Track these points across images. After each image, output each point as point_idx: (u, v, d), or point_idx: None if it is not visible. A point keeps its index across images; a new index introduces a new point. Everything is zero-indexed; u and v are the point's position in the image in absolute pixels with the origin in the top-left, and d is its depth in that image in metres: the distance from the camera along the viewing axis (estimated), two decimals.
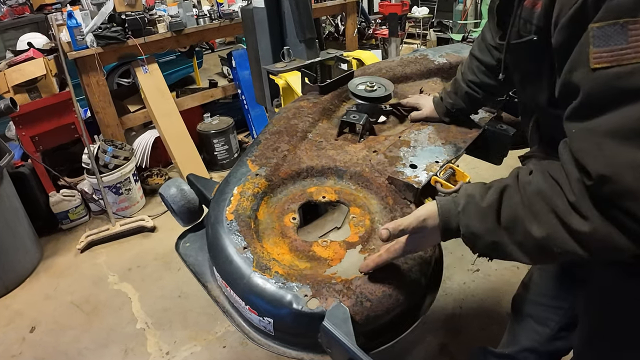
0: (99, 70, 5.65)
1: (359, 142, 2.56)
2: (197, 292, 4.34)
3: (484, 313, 4.00)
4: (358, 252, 1.99)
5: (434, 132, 2.57)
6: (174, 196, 2.31)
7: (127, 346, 3.99)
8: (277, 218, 2.16)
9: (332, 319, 1.65)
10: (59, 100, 5.34)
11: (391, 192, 2.21)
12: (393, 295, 1.78)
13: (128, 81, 8.39)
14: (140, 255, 5.14)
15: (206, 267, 2.20)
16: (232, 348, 3.87)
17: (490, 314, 3.97)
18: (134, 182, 5.79)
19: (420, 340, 3.79)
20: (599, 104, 1.23)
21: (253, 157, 2.41)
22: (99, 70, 5.66)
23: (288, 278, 1.80)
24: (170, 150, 6.08)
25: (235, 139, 6.77)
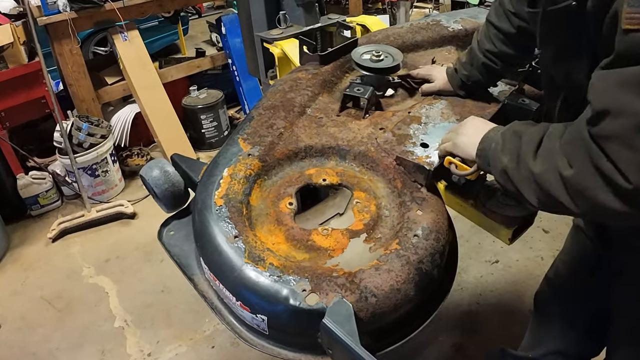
0: (72, 37, 5.61)
1: (363, 118, 2.55)
2: (182, 286, 4.29)
3: (503, 310, 4.00)
4: (362, 242, 1.99)
5: (447, 107, 2.56)
6: (157, 179, 2.31)
7: (104, 347, 4.00)
8: (272, 203, 2.16)
9: (334, 316, 1.65)
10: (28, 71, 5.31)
11: (400, 174, 2.21)
12: (402, 290, 1.78)
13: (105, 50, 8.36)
14: (118, 244, 5.14)
15: (192, 259, 2.20)
16: (221, 349, 3.88)
17: (511, 310, 3.98)
18: (112, 163, 5.77)
19: (433, 340, 3.79)
20: (625, 61, 1.30)
21: (245, 135, 2.40)
22: (73, 38, 5.62)
23: (284, 270, 1.80)
24: (153, 128, 6.05)
25: (225, 115, 6.75)
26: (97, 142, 5.53)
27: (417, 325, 1.91)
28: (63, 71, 5.75)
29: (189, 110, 6.49)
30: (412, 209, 2.06)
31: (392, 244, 1.91)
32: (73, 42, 5.64)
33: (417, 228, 1.95)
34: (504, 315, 3.94)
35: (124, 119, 6.16)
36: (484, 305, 4.06)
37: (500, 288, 4.19)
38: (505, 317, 3.92)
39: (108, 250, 5.06)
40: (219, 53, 7.24)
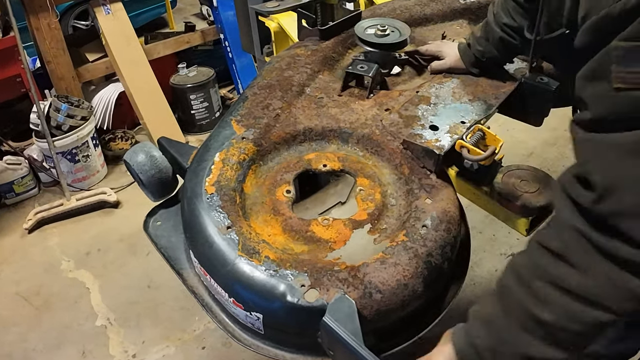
0: (50, 10, 5.59)
1: (367, 98, 2.55)
2: (170, 281, 4.27)
3: None
4: (366, 233, 2.00)
5: (459, 86, 2.56)
6: (142, 164, 2.31)
7: (84, 347, 3.99)
8: (267, 191, 2.16)
9: (335, 314, 1.65)
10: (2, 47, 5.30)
11: (407, 160, 2.21)
12: (409, 286, 1.78)
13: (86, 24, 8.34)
14: (101, 236, 5.12)
15: (181, 251, 2.20)
16: (212, 349, 3.88)
17: None
18: (94, 148, 5.75)
19: None
20: (613, 123, 1.32)
21: (239, 116, 2.40)
22: (51, 11, 5.60)
23: (281, 264, 1.80)
24: (138, 109, 6.03)
25: (217, 95, 6.72)
26: (77, 125, 5.51)
27: (426, 324, 1.92)
28: (40, 47, 5.73)
29: (177, 89, 6.45)
30: (421, 197, 2.06)
31: (398, 236, 1.91)
32: (51, 16, 5.63)
33: (426, 218, 1.96)
34: None
35: (106, 99, 6.13)
36: None
37: None
38: None
39: (89, 242, 5.04)
40: (210, 27, 7.21)
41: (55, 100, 5.46)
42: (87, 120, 5.57)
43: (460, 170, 2.61)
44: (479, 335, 1.64)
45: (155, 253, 2.33)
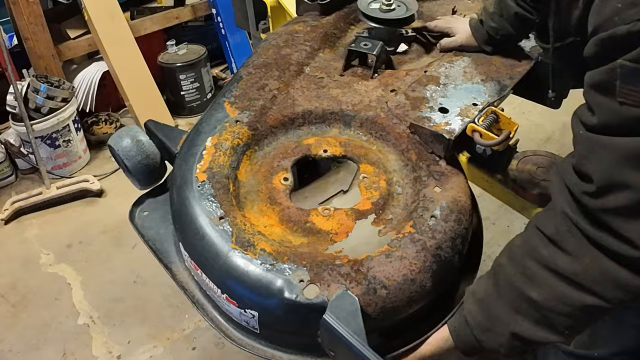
0: None
1: (371, 78, 2.55)
2: (158, 276, 4.30)
3: None
4: (370, 224, 2.00)
5: (470, 66, 2.56)
6: (128, 150, 2.31)
7: (65, 347, 3.99)
8: (263, 179, 2.16)
9: (337, 311, 1.65)
10: None
11: (414, 145, 2.20)
12: (417, 281, 1.79)
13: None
14: (83, 227, 5.11)
15: (170, 244, 2.20)
16: (203, 350, 3.88)
17: None
18: (75, 132, 5.74)
19: None
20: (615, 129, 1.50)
21: (232, 98, 2.40)
22: None
23: (278, 258, 1.80)
24: (123, 90, 6.01)
25: (209, 75, 6.71)
26: (57, 107, 5.50)
27: (435, 323, 1.91)
28: (17, 22, 5.72)
29: (166, 69, 6.44)
30: (429, 185, 2.06)
31: (405, 227, 1.91)
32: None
33: (435, 208, 1.96)
34: None
35: (89, 79, 6.12)
36: None
37: None
38: None
39: (70, 234, 5.03)
40: (202, 1, 7.19)
41: (34, 80, 5.45)
42: (68, 102, 5.55)
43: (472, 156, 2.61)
44: (472, 313, 1.81)
45: (141, 246, 2.33)
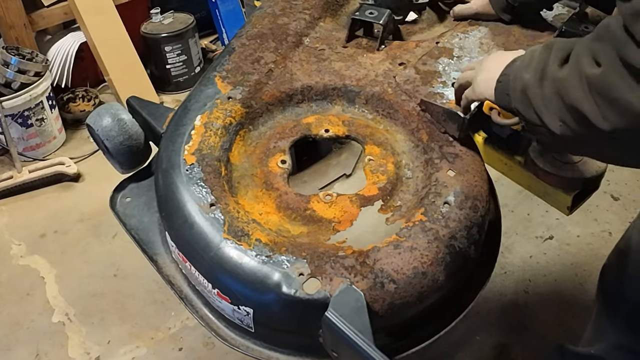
0: None
1: (378, 50, 2.55)
2: (141, 269, 4.31)
3: (561, 300, 4.00)
4: (377, 211, 2.00)
5: (487, 36, 2.55)
6: (109, 129, 2.31)
7: (38, 348, 3.98)
8: (259, 161, 2.16)
9: (340, 308, 1.65)
10: None
11: (425, 124, 2.21)
12: (429, 274, 1.79)
13: None
14: (58, 215, 5.10)
15: (155, 233, 2.21)
16: (191, 351, 3.88)
17: (569, 300, 3.98)
18: (50, 109, 5.72)
19: (468, 340, 3.80)
20: None
21: (224, 72, 2.40)
22: None
23: (275, 249, 1.80)
24: (103, 63, 6.00)
25: (198, 46, 6.68)
26: (29, 82, 5.48)
27: (449, 321, 1.92)
28: None
29: (149, 39, 6.41)
30: (442, 168, 2.06)
31: (415, 214, 1.91)
32: None
33: (449, 193, 1.96)
34: (560, 306, 3.95)
35: (65, 51, 6.11)
36: (535, 294, 4.07)
37: (555, 272, 4.20)
38: (562, 309, 3.92)
39: (44, 222, 5.02)
40: None
41: (4, 52, 5.44)
42: (41, 77, 5.54)
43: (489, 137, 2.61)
44: None
45: (123, 235, 2.34)
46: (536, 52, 1.74)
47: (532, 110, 1.69)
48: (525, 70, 1.74)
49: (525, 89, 1.70)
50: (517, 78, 1.76)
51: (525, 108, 1.73)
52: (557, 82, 1.59)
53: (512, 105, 1.79)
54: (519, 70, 1.78)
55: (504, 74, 1.84)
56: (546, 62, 1.66)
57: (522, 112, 1.75)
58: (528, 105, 1.70)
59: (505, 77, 1.83)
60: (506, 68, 1.84)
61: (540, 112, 1.66)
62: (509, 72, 1.82)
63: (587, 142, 1.63)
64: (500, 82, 1.84)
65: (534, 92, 1.68)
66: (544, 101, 1.65)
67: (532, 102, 1.68)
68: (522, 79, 1.73)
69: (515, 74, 1.78)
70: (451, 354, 3.69)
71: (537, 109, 1.67)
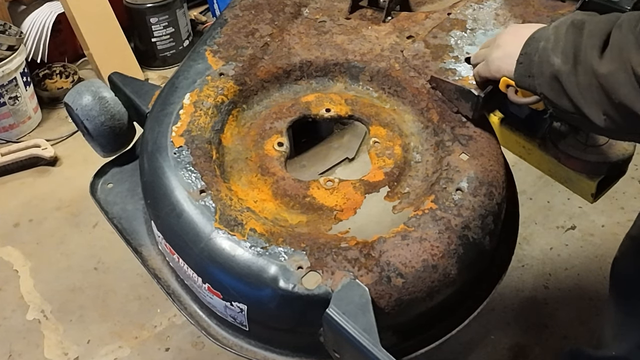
0: None
1: (383, 22, 2.55)
2: (124, 261, 4.32)
3: (584, 296, 4.01)
4: (383, 199, 2.00)
5: (504, 6, 2.55)
6: (89, 108, 2.31)
7: (11, 348, 3.99)
8: (253, 144, 2.16)
9: (343, 305, 1.65)
10: None
11: (436, 103, 2.20)
12: (440, 268, 1.79)
13: None
14: (33, 203, 5.10)
15: (140, 223, 2.21)
16: (179, 351, 3.89)
17: (594, 296, 3.98)
18: (24, 86, 5.72)
19: (483, 339, 3.81)
20: None
21: (215, 46, 2.40)
22: None
23: (271, 239, 1.81)
24: (82, 36, 5.99)
25: (186, 17, 6.67)
26: (2, 56, 5.49)
27: (461, 319, 1.92)
28: None
29: (133, 10, 6.39)
30: (454, 151, 2.06)
31: (425, 202, 1.91)
32: None
33: (461, 179, 1.96)
34: (583, 303, 3.95)
35: (41, 23, 6.11)
36: (555, 289, 4.07)
37: (578, 265, 4.20)
38: (585, 307, 3.93)
39: (18, 210, 5.03)
40: None
41: None
42: (15, 51, 5.55)
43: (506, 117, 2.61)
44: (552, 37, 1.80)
45: (104, 225, 2.34)
46: (561, 30, 1.75)
47: (567, 98, 1.70)
48: (553, 52, 1.73)
49: (558, 75, 1.70)
50: (544, 61, 1.75)
51: (556, 95, 1.73)
52: (600, 76, 1.59)
53: (538, 90, 1.79)
54: (544, 51, 1.76)
55: (525, 53, 1.83)
56: (578, 46, 1.66)
57: (553, 98, 1.75)
58: (561, 93, 1.71)
59: (526, 57, 1.83)
60: (526, 46, 1.84)
61: (577, 101, 1.67)
62: (530, 51, 1.81)
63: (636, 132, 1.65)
64: (520, 62, 1.84)
65: (568, 80, 1.68)
66: (580, 90, 1.65)
67: (567, 90, 1.69)
68: (551, 62, 1.72)
69: (541, 55, 1.77)
70: (463, 355, 3.69)
71: (574, 98, 1.68)
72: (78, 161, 5.36)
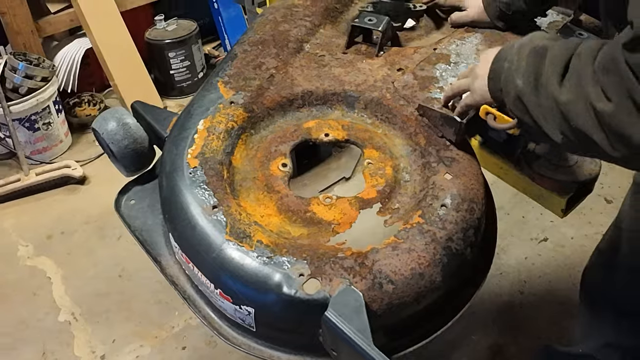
0: None
1: (376, 56, 2.55)
2: (145, 270, 4.29)
3: (555, 300, 4.01)
4: (375, 214, 2.00)
5: (483, 42, 2.55)
6: (114, 133, 2.31)
7: (45, 347, 3.98)
8: (260, 165, 2.16)
9: (339, 308, 1.65)
10: None
11: (423, 128, 2.20)
12: (426, 275, 1.79)
13: None
14: (64, 217, 5.09)
15: (159, 235, 2.21)
16: (194, 350, 3.88)
17: (564, 301, 3.98)
18: (56, 114, 5.72)
19: (464, 340, 3.80)
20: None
21: (226, 77, 2.40)
22: None
23: (276, 250, 1.80)
24: (108, 68, 5.98)
25: (201, 52, 6.69)
26: (37, 87, 5.48)
27: (445, 321, 1.92)
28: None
29: (154, 45, 6.41)
30: (439, 171, 2.06)
31: (413, 217, 1.91)
32: None
33: (445, 196, 1.96)
34: (554, 307, 3.95)
35: (71, 57, 6.10)
36: (530, 294, 4.07)
37: (550, 273, 4.20)
38: (557, 310, 3.92)
39: (51, 224, 5.01)
40: None
41: (12, 58, 5.43)
42: (48, 82, 5.53)
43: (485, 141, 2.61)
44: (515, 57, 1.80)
45: (127, 237, 2.33)
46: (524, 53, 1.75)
47: (529, 116, 1.70)
48: (516, 74, 1.74)
49: (520, 96, 1.71)
50: (509, 82, 1.76)
51: (521, 113, 1.73)
52: (560, 103, 1.59)
53: (507, 105, 1.80)
54: (509, 72, 1.77)
55: (494, 69, 1.84)
56: (539, 71, 1.66)
57: (519, 116, 1.76)
58: (524, 111, 1.71)
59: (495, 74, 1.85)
60: (494, 63, 1.85)
61: (538, 120, 1.67)
62: (497, 69, 1.83)
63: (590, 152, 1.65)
64: (491, 78, 1.85)
65: (530, 100, 1.68)
66: (542, 111, 1.66)
67: (529, 110, 1.69)
68: (515, 83, 1.73)
69: (506, 75, 1.78)
70: (447, 353, 3.69)
71: (535, 117, 1.68)
72: (104, 180, 5.35)
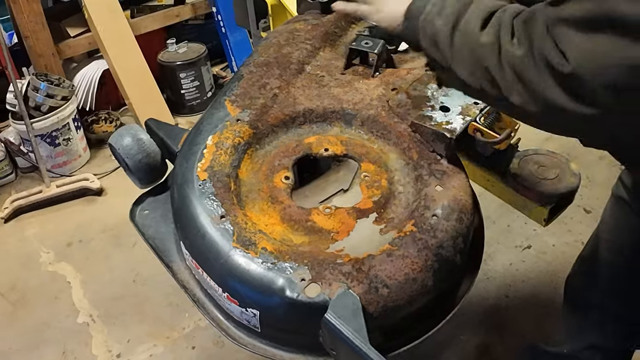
0: None
1: (372, 76, 2.55)
2: (158, 275, 4.28)
3: (538, 303, 4.00)
4: (372, 223, 2.00)
5: None
6: (129, 148, 2.30)
7: (65, 346, 3.98)
8: (264, 177, 2.16)
9: (338, 310, 1.65)
10: None
11: (416, 144, 2.20)
12: (419, 280, 1.79)
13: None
14: (83, 226, 5.10)
15: (171, 242, 2.20)
16: (203, 349, 3.88)
17: (546, 304, 3.98)
18: (75, 130, 5.73)
19: (454, 340, 3.80)
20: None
21: (233, 96, 2.39)
22: None
23: (279, 256, 1.80)
24: (123, 88, 6.00)
25: (209, 73, 6.69)
26: (57, 105, 5.48)
27: (436, 322, 1.92)
28: (17, 21, 5.70)
29: (166, 67, 6.42)
30: (431, 184, 2.06)
31: (406, 226, 1.91)
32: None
33: (437, 207, 1.96)
34: (537, 309, 3.95)
35: (89, 77, 6.10)
36: (514, 298, 4.07)
37: (533, 278, 4.19)
38: (540, 312, 3.92)
39: (70, 232, 5.02)
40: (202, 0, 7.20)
41: (34, 78, 5.44)
42: (68, 101, 5.54)
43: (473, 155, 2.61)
44: None
45: (141, 245, 2.33)
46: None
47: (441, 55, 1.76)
48: (437, 16, 1.76)
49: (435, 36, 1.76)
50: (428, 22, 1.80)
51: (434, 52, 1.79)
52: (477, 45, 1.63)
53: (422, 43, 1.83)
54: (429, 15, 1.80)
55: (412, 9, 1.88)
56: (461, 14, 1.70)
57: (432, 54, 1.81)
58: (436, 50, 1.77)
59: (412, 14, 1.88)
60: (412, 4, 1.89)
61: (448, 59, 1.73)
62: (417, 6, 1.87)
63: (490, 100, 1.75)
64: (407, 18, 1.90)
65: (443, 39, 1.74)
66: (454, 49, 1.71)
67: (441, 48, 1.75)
68: (433, 24, 1.77)
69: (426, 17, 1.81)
70: (437, 352, 3.69)
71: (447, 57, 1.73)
72: (120, 192, 5.36)
